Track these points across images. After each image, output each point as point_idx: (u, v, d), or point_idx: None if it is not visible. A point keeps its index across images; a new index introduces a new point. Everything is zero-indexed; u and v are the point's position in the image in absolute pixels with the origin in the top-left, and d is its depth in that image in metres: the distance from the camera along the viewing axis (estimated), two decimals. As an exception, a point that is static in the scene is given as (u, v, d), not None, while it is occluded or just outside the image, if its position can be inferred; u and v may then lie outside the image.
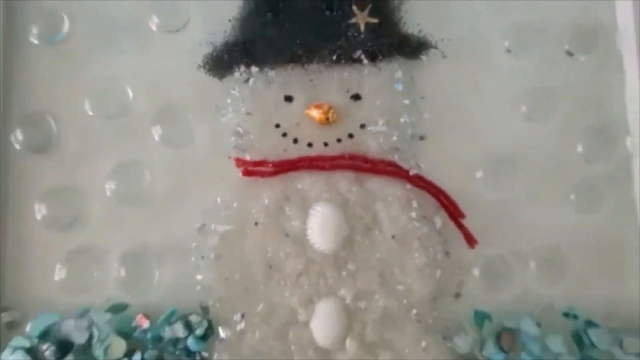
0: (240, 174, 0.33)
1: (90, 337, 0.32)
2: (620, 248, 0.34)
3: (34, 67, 0.34)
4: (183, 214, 0.33)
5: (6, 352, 0.32)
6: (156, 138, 0.33)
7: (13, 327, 0.32)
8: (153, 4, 0.34)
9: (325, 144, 0.34)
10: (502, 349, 0.32)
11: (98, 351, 0.32)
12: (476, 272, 0.33)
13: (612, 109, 0.34)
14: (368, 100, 0.34)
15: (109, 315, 0.32)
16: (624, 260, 0.34)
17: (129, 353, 0.32)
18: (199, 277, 0.32)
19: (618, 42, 0.35)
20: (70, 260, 0.33)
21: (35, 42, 0.34)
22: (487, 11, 0.35)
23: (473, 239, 0.33)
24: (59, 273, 0.33)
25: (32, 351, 0.32)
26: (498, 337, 0.33)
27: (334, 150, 0.33)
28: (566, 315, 0.33)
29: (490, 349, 0.32)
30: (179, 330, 0.32)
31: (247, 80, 0.35)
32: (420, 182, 0.33)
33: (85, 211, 0.33)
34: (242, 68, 0.35)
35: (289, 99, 0.34)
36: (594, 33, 0.34)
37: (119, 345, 0.32)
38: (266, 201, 0.33)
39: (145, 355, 0.32)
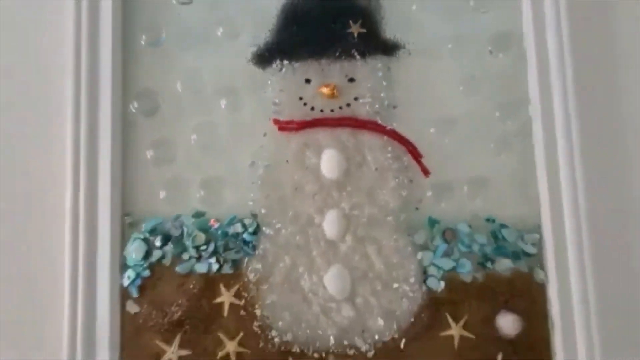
0: (277, 129, 0.51)
1: (182, 232, 0.50)
2: (524, 177, 0.51)
3: (144, 61, 0.51)
4: (239, 155, 0.51)
5: (129, 243, 0.49)
6: (222, 107, 0.51)
7: (133, 226, 0.49)
8: (219, 19, 0.52)
9: (332, 110, 0.51)
10: (445, 241, 0.50)
11: (187, 242, 0.49)
12: (429, 193, 0.50)
13: (519, 87, 0.51)
14: (359, 82, 0.52)
15: (193, 219, 0.49)
16: (527, 185, 0.51)
17: (207, 243, 0.49)
18: (251, 195, 0.50)
19: (524, 43, 0.52)
20: (168, 184, 0.50)
21: (143, 44, 0.52)
22: (437, 22, 0.52)
23: (427, 171, 0.50)
24: (161, 193, 0.50)
25: (145, 241, 0.49)
26: (443, 234, 0.50)
27: (337, 114, 0.51)
28: (487, 220, 0.50)
29: (438, 241, 0.49)
30: (237, 228, 0.50)
31: (280, 70, 0.52)
32: (393, 135, 0.51)
33: (177, 154, 0.51)
34: (277, 61, 0.52)
35: (308, 81, 0.52)
36: (507, 37, 0.52)
37: (200, 237, 0.49)
38: (293, 146, 0.51)
39: (217, 244, 0.49)
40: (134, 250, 0.48)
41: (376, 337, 0.48)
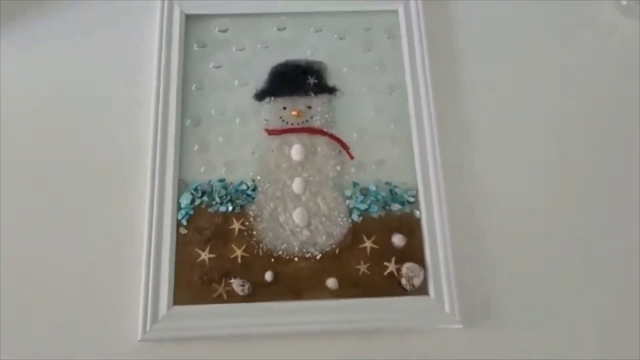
0: (267, 134, 0.88)
1: (212, 189, 0.83)
2: (406, 160, 0.87)
3: (194, 97, 0.87)
4: (246, 148, 0.83)
5: (182, 195, 0.84)
6: (237, 122, 0.88)
7: (185, 185, 0.84)
8: (236, 75, 0.92)
9: (298, 124, 0.87)
10: (362, 194, 0.84)
11: (214, 194, 0.84)
12: (353, 169, 0.85)
13: (404, 110, 0.90)
14: (314, 108, 0.86)
15: (218, 183, 0.85)
16: (408, 164, 0.87)
17: (225, 195, 0.84)
18: (251, 169, 0.85)
19: (406, 90, 0.90)
20: (205, 163, 0.84)
21: (194, 89, 0.91)
22: (357, 77, 0.88)
23: (352, 156, 0.85)
24: (202, 168, 0.85)
25: (191, 194, 0.83)
26: (360, 191, 0.84)
27: (301, 126, 0.87)
28: (386, 183, 0.82)
29: (357, 195, 0.82)
30: (243, 187, 0.84)
31: (269, 102, 0.89)
32: (332, 137, 0.86)
33: (210, 147, 0.86)
34: (267, 98, 0.87)
35: (284, 108, 0.88)
36: (398, 86, 0.91)
37: (221, 192, 0.84)
38: (276, 143, 0.85)
39: (231, 196, 0.85)
40: (184, 199, 0.81)
41: (322, 247, 0.82)
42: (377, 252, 0.80)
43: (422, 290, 0.78)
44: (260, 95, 0.88)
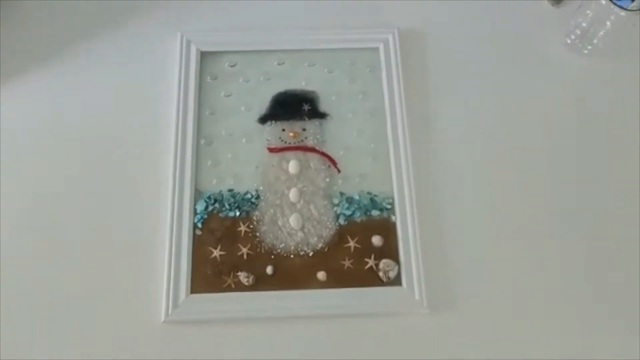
0: (269, 152, 1.04)
1: (222, 198, 0.99)
2: (384, 173, 1.03)
3: (207, 121, 1.01)
4: (250, 164, 0.95)
5: (198, 203, 1.00)
6: (243, 142, 1.05)
7: (200, 195, 1.02)
8: (242, 103, 1.09)
9: (294, 143, 1.03)
10: (347, 202, 1.01)
11: (225, 202, 1.00)
12: (340, 180, 1.00)
13: (382, 131, 1.06)
14: (308, 130, 0.98)
15: (228, 192, 1.01)
16: (385, 177, 1.03)
17: (234, 202, 1.00)
18: (255, 181, 1.01)
19: (385, 112, 1.07)
20: (217, 176, 1.00)
21: (207, 114, 1.08)
22: (344, 103, 1.05)
23: (339, 170, 1.00)
24: (214, 180, 1.02)
25: (205, 202, 0.99)
26: (346, 199, 1.01)
27: (297, 145, 1.01)
28: (367, 193, 0.97)
29: (343, 202, 0.98)
30: (249, 196, 1.01)
31: (270, 125, 1.04)
32: (323, 154, 1.01)
33: (221, 163, 1.03)
34: (269, 122, 1.00)
35: (283, 130, 1.04)
36: (379, 110, 1.07)
37: (230, 200, 1.00)
38: (276, 159, 1.00)
39: (239, 203, 1.01)
40: (200, 206, 0.93)
41: (313, 246, 0.97)
42: (359, 250, 0.93)
43: (396, 281, 0.91)
44: (263, 119, 1.01)
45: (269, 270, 0.92)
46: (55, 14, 1.08)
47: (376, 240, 0.94)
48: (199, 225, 0.94)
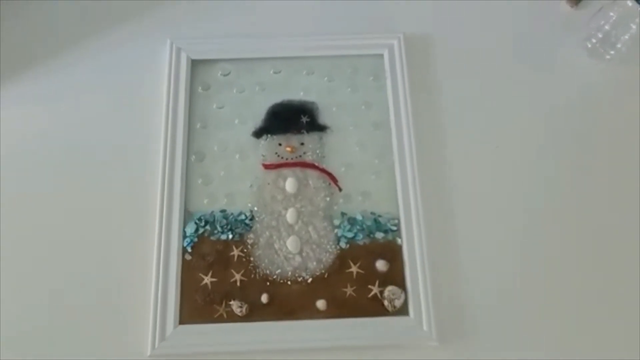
0: (264, 168, 0.97)
1: (214, 219, 0.93)
2: (389, 192, 0.96)
3: (198, 135, 0.94)
4: (244, 182, 0.90)
5: (188, 224, 0.93)
6: (237, 157, 0.98)
7: (190, 216, 0.94)
8: (236, 115, 1.01)
9: (292, 158, 0.96)
10: (349, 223, 0.94)
11: (216, 224, 0.93)
12: (341, 200, 0.94)
13: (387, 147, 0.98)
14: (306, 145, 0.93)
15: (220, 213, 0.94)
16: (391, 196, 0.95)
17: (226, 224, 0.93)
18: (249, 201, 0.94)
19: (390, 125, 0.99)
20: (208, 195, 0.93)
21: (198, 127, 1.01)
22: (344, 116, 0.99)
23: (340, 188, 0.94)
24: (205, 200, 0.95)
25: (195, 223, 0.91)
26: (348, 220, 0.94)
27: (294, 160, 0.96)
28: (371, 213, 0.90)
29: (345, 224, 0.91)
30: (242, 217, 0.94)
31: (266, 139, 0.98)
32: (323, 170, 0.94)
33: (213, 181, 0.96)
34: (264, 135, 0.94)
35: (280, 144, 0.97)
36: (383, 123, 0.99)
37: (222, 222, 0.93)
38: (272, 177, 0.94)
39: (231, 225, 0.93)
40: (189, 228, 0.87)
41: (312, 272, 0.90)
42: (362, 276, 0.87)
43: (402, 310, 0.85)
44: (258, 133, 0.96)
45: (264, 298, 0.86)
46: (45, 17, 1.05)
47: (380, 265, 0.88)
48: (189, 249, 0.88)
